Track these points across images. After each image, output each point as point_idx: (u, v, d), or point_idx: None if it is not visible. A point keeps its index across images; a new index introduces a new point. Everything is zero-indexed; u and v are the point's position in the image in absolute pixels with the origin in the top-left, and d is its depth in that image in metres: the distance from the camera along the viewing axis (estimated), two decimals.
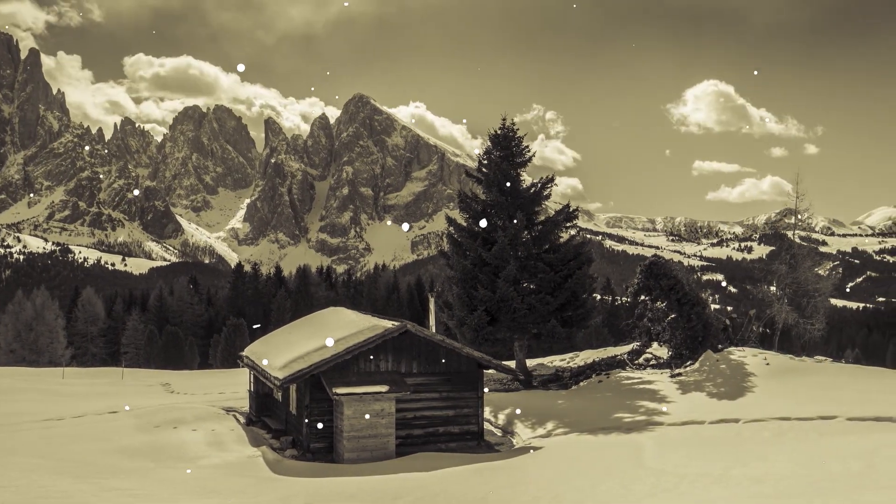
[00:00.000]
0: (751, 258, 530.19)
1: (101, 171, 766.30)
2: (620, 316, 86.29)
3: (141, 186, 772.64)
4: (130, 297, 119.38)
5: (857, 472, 14.81)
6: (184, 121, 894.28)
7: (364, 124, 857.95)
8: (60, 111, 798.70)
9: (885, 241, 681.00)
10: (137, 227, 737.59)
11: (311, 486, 18.43)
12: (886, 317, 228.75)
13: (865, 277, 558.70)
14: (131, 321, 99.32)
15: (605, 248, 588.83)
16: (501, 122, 38.30)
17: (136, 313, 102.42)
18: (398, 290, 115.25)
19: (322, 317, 30.86)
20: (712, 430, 23.11)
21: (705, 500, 13.62)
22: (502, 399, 31.73)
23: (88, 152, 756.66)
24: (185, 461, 22.50)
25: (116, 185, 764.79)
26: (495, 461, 21.65)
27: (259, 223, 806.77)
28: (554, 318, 35.76)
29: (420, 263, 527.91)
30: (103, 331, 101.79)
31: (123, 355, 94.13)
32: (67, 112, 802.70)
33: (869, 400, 23.74)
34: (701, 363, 33.82)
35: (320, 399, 23.71)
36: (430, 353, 25.06)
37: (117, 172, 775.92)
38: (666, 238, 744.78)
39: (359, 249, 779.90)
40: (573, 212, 38.33)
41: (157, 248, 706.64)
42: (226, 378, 53.43)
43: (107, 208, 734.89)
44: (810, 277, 43.20)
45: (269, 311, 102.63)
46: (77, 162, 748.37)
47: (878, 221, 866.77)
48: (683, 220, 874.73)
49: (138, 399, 39.01)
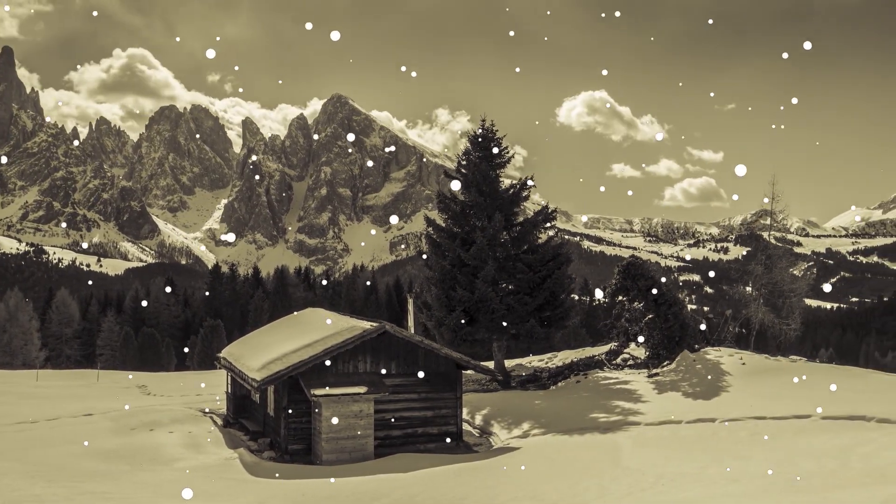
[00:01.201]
0: (727, 259, 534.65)
1: (75, 170, 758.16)
2: (598, 316, 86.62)
3: (117, 186, 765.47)
4: (106, 298, 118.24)
5: (832, 471, 14.98)
6: (160, 120, 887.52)
7: (342, 125, 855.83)
8: (34, 110, 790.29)
9: (858, 241, 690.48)
10: (113, 227, 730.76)
11: (288, 487, 18.35)
12: (859, 317, 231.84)
13: (839, 278, 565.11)
14: (107, 322, 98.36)
15: (584, 249, 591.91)
16: (481, 123, 38.37)
17: (112, 315, 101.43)
18: (377, 291, 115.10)
19: (300, 318, 30.75)
20: (689, 429, 23.25)
21: (682, 499, 13.71)
22: (481, 399, 31.76)
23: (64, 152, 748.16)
24: (161, 464, 22.33)
25: (92, 185, 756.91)
26: (474, 461, 21.65)
27: (236, 224, 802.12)
28: (532, 319, 35.85)
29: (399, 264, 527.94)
30: (78, 332, 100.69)
31: (99, 357, 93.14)
32: (41, 111, 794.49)
33: (843, 399, 23.99)
34: (678, 363, 34.03)
35: (298, 400, 23.61)
36: (409, 353, 25.03)
37: (92, 172, 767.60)
38: (643, 239, 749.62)
39: (337, 250, 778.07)
40: (552, 213, 38.45)
41: (133, 248, 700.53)
42: (203, 380, 52.94)
43: (82, 208, 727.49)
44: (785, 278, 43.65)
45: (247, 312, 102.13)
46: (51, 161, 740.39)
47: (852, 222, 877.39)
48: (660, 222, 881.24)
49: (114, 401, 38.62)
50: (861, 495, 11.27)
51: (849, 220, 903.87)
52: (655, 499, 14.13)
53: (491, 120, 38.49)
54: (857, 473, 14.40)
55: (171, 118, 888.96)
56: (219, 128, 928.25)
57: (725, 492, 13.79)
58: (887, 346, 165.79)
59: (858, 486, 12.60)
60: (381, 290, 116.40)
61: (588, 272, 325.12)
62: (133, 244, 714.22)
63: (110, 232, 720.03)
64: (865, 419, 20.92)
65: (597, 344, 51.87)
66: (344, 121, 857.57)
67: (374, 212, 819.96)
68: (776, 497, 12.43)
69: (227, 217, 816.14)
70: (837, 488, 12.61)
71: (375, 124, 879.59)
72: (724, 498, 13.15)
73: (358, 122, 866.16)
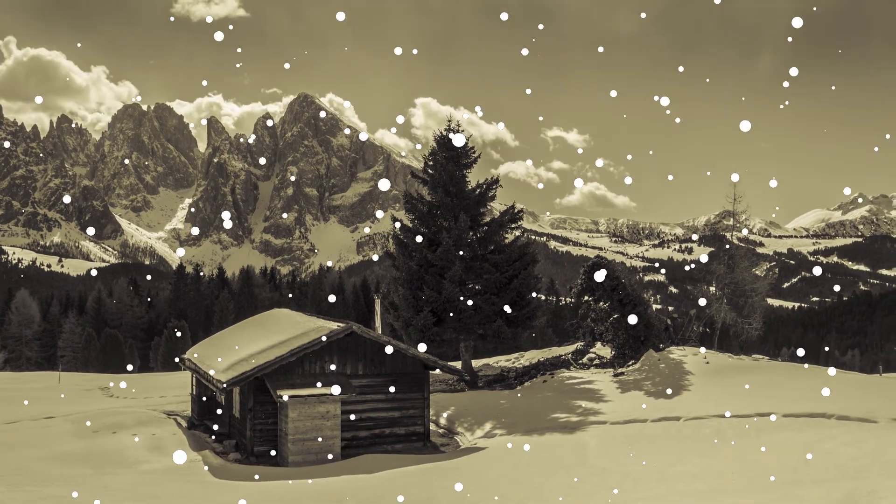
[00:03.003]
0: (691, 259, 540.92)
1: (36, 169, 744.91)
2: (565, 316, 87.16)
3: (78, 186, 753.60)
4: (67, 298, 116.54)
5: (792, 468, 15.24)
6: (123, 119, 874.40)
7: (309, 124, 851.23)
8: None
9: (818, 242, 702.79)
10: (75, 227, 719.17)
11: (254, 489, 18.22)
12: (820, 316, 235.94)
13: (800, 278, 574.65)
14: (68, 324, 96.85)
15: (550, 249, 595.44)
16: (447, 123, 38.42)
17: (74, 316, 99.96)
18: (343, 292, 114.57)
19: (266, 318, 30.54)
20: (654, 428, 23.49)
21: (648, 497, 13.84)
22: (448, 400, 31.79)
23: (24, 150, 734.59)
24: (124, 467, 22.04)
25: (53, 184, 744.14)
26: (441, 462, 21.67)
27: (201, 224, 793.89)
28: (499, 319, 35.93)
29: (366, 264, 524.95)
30: (39, 334, 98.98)
31: (60, 359, 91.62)
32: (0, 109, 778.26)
33: (804, 397, 24.40)
34: (643, 362, 34.35)
35: (264, 402, 23.44)
36: (376, 354, 24.98)
37: (53, 171, 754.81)
38: (609, 239, 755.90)
39: (303, 250, 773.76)
40: (518, 213, 38.59)
41: (95, 248, 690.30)
42: (167, 381, 52.31)
43: (42, 208, 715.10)
44: (748, 278, 44.30)
45: (212, 312, 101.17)
46: (10, 160, 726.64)
47: (813, 223, 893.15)
48: (626, 222, 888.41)
49: (76, 404, 38.04)
50: (821, 491, 11.48)
51: (810, 221, 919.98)
52: (621, 497, 14.25)
53: (457, 121, 38.60)
54: (818, 470, 14.67)
55: (134, 116, 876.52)
56: (183, 126, 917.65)
57: (690, 489, 13.96)
58: (847, 345, 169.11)
59: (820, 482, 12.83)
60: (348, 291, 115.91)
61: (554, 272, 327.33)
62: (95, 244, 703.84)
63: (72, 232, 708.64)
64: (826, 417, 21.31)
65: (563, 344, 52.23)
66: (310, 120, 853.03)
67: (340, 212, 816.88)
68: (740, 494, 12.61)
69: (191, 217, 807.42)
70: (799, 484, 12.82)
71: (342, 124, 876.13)
72: (688, 496, 13.31)
73: (325, 122, 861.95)
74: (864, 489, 10.93)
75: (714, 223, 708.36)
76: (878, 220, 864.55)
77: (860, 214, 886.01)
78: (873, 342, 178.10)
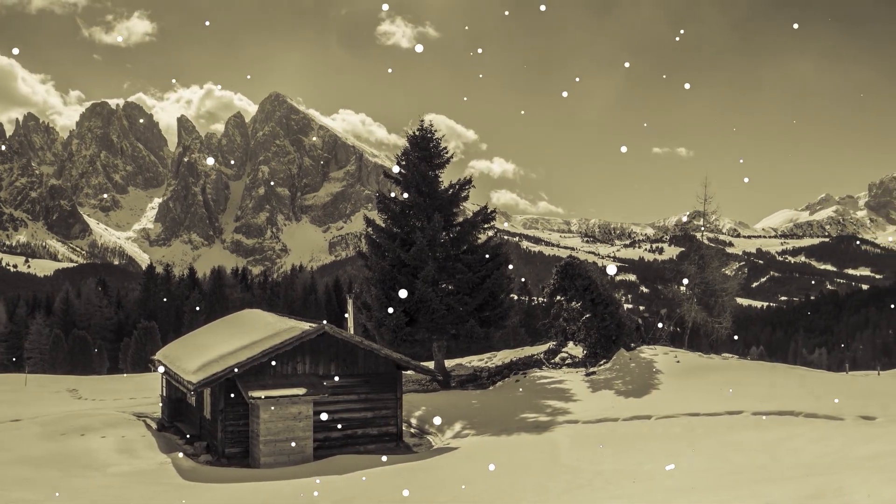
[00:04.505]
0: (662, 259, 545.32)
1: (1, 168, 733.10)
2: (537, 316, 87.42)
3: (45, 185, 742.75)
4: (34, 299, 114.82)
5: (761, 465, 15.41)
6: (91, 117, 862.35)
7: (281, 123, 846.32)
8: None
9: (786, 242, 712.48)
10: (42, 227, 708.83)
11: (225, 491, 18.08)
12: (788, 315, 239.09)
13: (769, 277, 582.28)
14: (35, 325, 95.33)
15: (522, 250, 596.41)
16: (420, 122, 38.36)
17: (41, 317, 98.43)
18: (316, 292, 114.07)
19: (238, 319, 30.32)
20: (626, 426, 23.65)
21: (619, 495, 13.93)
22: (421, 400, 31.77)
23: None
24: (93, 469, 21.73)
25: (19, 183, 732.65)
26: (414, 462, 21.66)
27: (171, 223, 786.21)
28: (472, 319, 36.00)
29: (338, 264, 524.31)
30: (5, 335, 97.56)
31: (27, 361, 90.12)
32: None
33: (773, 395, 24.74)
34: (614, 362, 34.58)
35: (236, 403, 23.26)
36: (349, 354, 24.90)
37: (19, 170, 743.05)
38: (581, 239, 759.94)
39: (275, 250, 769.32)
40: (491, 213, 38.67)
41: (63, 248, 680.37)
42: (137, 383, 51.78)
43: (8, 207, 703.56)
44: (718, 277, 44.78)
45: (182, 313, 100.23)
46: None
47: (781, 223, 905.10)
48: (598, 222, 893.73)
49: (43, 406, 37.50)
50: (790, 488, 11.62)
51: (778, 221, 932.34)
52: (593, 495, 14.33)
53: (429, 120, 38.59)
54: (786, 467, 14.85)
55: (102, 115, 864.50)
56: (153, 125, 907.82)
57: (661, 487, 14.07)
58: (814, 344, 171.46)
59: (788, 479, 12.99)
60: (320, 291, 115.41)
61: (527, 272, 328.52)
62: (63, 244, 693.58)
63: (39, 231, 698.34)
64: (794, 414, 21.59)
65: (536, 343, 52.40)
66: (282, 119, 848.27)
67: (312, 211, 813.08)
68: (709, 492, 12.73)
69: (161, 216, 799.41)
70: (768, 482, 12.97)
71: (314, 123, 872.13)
72: (658, 493, 13.41)
73: (296, 122, 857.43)
74: (832, 486, 11.09)
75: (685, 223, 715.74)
76: (844, 220, 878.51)
77: (827, 215, 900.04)
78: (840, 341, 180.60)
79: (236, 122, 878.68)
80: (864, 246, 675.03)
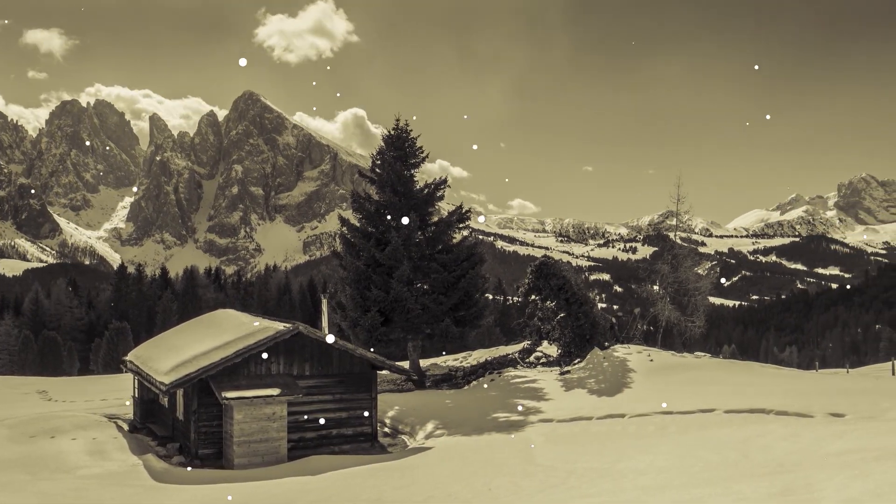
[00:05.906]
0: (635, 258, 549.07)
1: None
2: (512, 315, 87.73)
3: (14, 184, 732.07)
4: (3, 300, 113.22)
5: (733, 462, 15.57)
6: (61, 115, 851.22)
7: (254, 122, 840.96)
8: None
9: (758, 241, 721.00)
10: (10, 226, 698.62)
11: (198, 493, 17.93)
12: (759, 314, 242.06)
13: (740, 276, 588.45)
14: (4, 325, 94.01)
15: (497, 249, 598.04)
16: (395, 122, 38.29)
17: (10, 317, 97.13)
18: (290, 292, 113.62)
19: (211, 319, 30.07)
20: (599, 425, 23.79)
21: (592, 493, 14.00)
22: (395, 400, 31.73)
23: None
24: (63, 472, 21.46)
25: None
26: (388, 462, 21.62)
27: (143, 223, 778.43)
28: (447, 318, 36.00)
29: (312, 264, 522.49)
30: None
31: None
32: None
33: (744, 393, 25.00)
34: (588, 361, 34.75)
35: (209, 404, 23.08)
36: (323, 354, 24.81)
37: None
38: (555, 239, 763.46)
39: (249, 250, 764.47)
40: (466, 213, 38.71)
41: (32, 248, 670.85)
42: (108, 384, 51.18)
43: None
44: (690, 277, 45.18)
45: (155, 313, 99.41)
46: None
47: (752, 223, 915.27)
48: (572, 222, 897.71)
49: (12, 408, 36.95)
50: (761, 484, 11.75)
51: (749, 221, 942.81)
52: (567, 494, 14.39)
53: (405, 119, 38.54)
54: (758, 464, 15.02)
55: (73, 113, 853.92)
56: (124, 124, 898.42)
57: (634, 485, 14.16)
58: (784, 342, 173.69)
59: (759, 476, 13.13)
60: (294, 291, 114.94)
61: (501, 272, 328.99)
62: (32, 244, 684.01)
63: (7, 231, 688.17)
64: (765, 412, 21.85)
65: (510, 343, 52.58)
66: (255, 118, 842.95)
67: (286, 211, 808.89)
68: (682, 489, 12.84)
69: (133, 216, 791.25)
70: (739, 479, 13.11)
71: (288, 122, 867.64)
72: (633, 491, 13.50)
73: (270, 121, 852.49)
74: (801, 482, 11.24)
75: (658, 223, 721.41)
76: (814, 220, 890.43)
77: (797, 215, 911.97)
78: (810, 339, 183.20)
79: (209, 121, 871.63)
80: (834, 245, 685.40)
